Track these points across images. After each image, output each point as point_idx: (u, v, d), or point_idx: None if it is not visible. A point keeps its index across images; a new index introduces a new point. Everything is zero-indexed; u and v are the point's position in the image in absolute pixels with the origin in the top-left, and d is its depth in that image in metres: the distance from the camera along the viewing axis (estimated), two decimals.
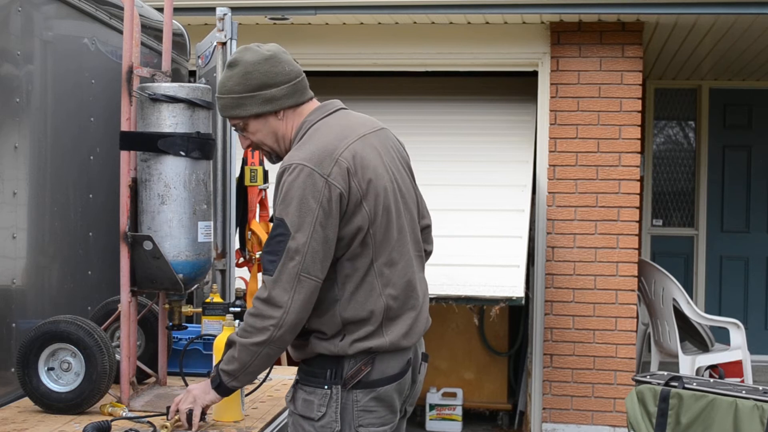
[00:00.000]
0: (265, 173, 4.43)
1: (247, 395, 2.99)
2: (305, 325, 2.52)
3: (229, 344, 2.54)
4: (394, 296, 2.57)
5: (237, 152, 3.93)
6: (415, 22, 6.16)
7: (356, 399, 2.54)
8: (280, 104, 2.61)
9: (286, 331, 2.46)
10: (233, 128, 2.72)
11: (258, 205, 4.43)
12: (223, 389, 2.60)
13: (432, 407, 6.49)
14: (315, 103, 2.69)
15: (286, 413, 3.09)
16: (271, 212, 2.74)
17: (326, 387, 2.53)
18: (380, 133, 2.68)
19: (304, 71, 2.74)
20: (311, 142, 2.55)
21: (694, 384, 4.20)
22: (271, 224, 2.52)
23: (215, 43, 3.76)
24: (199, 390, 2.67)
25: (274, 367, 3.90)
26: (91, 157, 3.45)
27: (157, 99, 2.90)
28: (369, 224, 2.52)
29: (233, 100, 2.61)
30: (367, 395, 2.54)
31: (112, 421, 2.71)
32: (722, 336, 6.56)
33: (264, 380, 3.26)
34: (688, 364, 6.26)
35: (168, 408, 2.73)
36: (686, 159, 8.45)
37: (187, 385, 3.01)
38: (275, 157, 2.71)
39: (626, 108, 6.06)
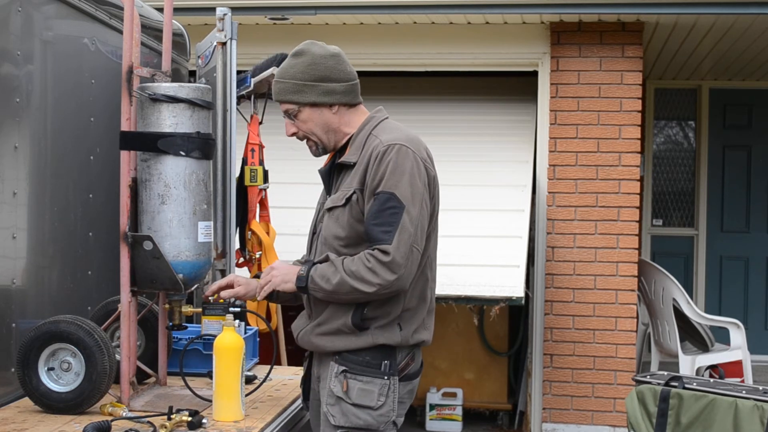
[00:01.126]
0: (265, 173, 4.44)
1: (247, 395, 2.99)
2: (365, 312, 2.66)
3: (332, 265, 2.64)
4: (433, 290, 2.80)
5: (237, 152, 3.94)
6: (415, 22, 6.16)
7: (401, 390, 2.71)
8: (338, 99, 2.76)
9: (387, 294, 2.62)
10: (284, 114, 2.82)
11: (258, 205, 4.44)
12: (303, 290, 2.69)
13: (432, 407, 6.48)
14: (365, 109, 2.86)
15: (286, 413, 3.09)
16: (324, 204, 2.83)
17: (385, 377, 2.67)
18: None
19: None
20: (395, 130, 2.74)
21: (694, 384, 4.20)
22: (374, 197, 2.62)
23: (215, 43, 3.77)
24: (282, 274, 2.74)
25: (275, 367, 3.91)
26: (91, 157, 3.45)
27: (157, 99, 2.90)
28: (435, 215, 2.76)
29: (294, 86, 2.74)
30: (406, 387, 2.74)
31: (112, 421, 2.71)
32: (722, 336, 6.56)
33: (264, 380, 3.26)
34: (688, 364, 6.26)
35: (169, 407, 2.73)
36: (686, 159, 8.45)
37: (187, 385, 3.02)
38: (321, 149, 2.84)
39: (626, 108, 6.06)
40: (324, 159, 2.95)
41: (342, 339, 2.69)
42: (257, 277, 2.97)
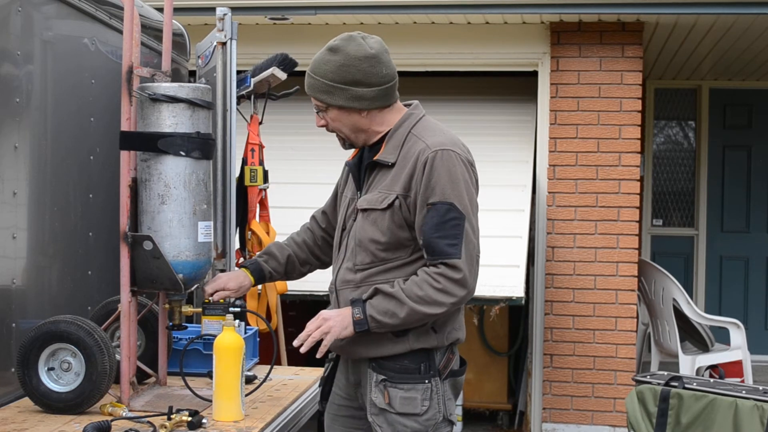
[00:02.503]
0: (265, 173, 4.44)
1: (247, 395, 2.99)
2: None
3: (392, 297, 2.54)
4: None
5: (237, 152, 3.94)
6: (415, 22, 6.16)
7: (446, 389, 2.67)
8: (366, 105, 2.65)
9: (460, 305, 2.60)
10: (314, 107, 2.75)
11: (258, 205, 4.44)
12: (365, 332, 2.60)
13: None
14: (401, 105, 2.75)
15: (286, 413, 3.09)
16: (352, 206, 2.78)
17: (426, 381, 2.61)
18: None
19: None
20: (438, 131, 2.66)
21: (694, 384, 4.20)
22: (429, 208, 2.54)
23: (215, 43, 3.76)
24: (338, 323, 2.62)
25: (275, 367, 3.91)
26: (91, 157, 3.45)
27: (157, 99, 2.90)
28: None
29: (324, 85, 2.65)
30: (451, 384, 2.70)
31: (112, 421, 2.71)
32: (722, 336, 6.56)
33: (264, 380, 3.26)
34: (688, 364, 6.26)
35: (169, 407, 2.73)
36: (686, 159, 8.45)
37: (187, 385, 3.01)
38: (349, 144, 2.77)
39: (626, 108, 6.06)
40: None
41: (378, 346, 2.63)
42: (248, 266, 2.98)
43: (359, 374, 2.74)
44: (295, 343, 2.69)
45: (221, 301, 2.98)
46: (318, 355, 2.66)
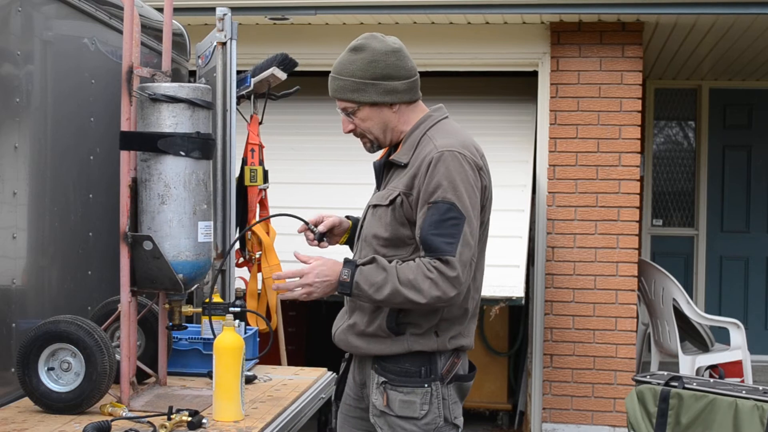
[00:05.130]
0: (265, 173, 4.44)
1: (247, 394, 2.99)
2: (400, 316, 2.58)
3: (383, 270, 2.51)
4: (476, 299, 2.70)
5: (237, 152, 3.94)
6: (415, 22, 6.16)
7: (450, 393, 2.63)
8: (399, 98, 2.67)
9: (440, 306, 2.55)
10: (341, 111, 2.71)
11: (258, 205, 4.44)
12: (347, 295, 2.60)
13: None
14: (424, 105, 2.77)
15: (286, 413, 3.09)
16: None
17: (426, 385, 2.59)
18: None
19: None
20: (452, 134, 2.66)
21: (694, 384, 4.21)
22: (430, 206, 2.53)
23: (215, 43, 3.77)
24: (321, 288, 2.58)
25: (274, 367, 3.91)
26: (91, 157, 3.45)
27: (157, 99, 2.90)
28: (485, 222, 2.71)
29: (354, 84, 2.63)
30: (455, 389, 2.65)
31: (112, 421, 2.71)
32: (722, 336, 6.56)
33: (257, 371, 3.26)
34: (688, 364, 6.26)
35: (169, 407, 2.73)
36: (686, 159, 8.45)
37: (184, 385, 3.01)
38: (376, 146, 2.74)
39: (626, 108, 6.06)
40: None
41: (378, 343, 2.62)
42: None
43: (364, 375, 2.73)
44: (274, 279, 2.70)
45: (221, 300, 2.97)
46: (285, 296, 2.66)
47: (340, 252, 2.85)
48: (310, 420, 3.40)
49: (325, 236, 2.88)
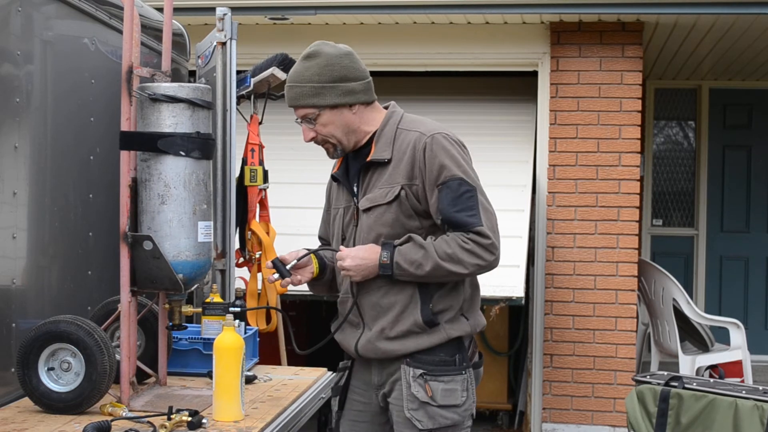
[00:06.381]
0: (265, 173, 4.44)
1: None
2: (431, 305, 2.64)
3: (421, 247, 2.60)
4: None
5: (237, 152, 3.94)
6: (415, 22, 6.16)
7: (474, 377, 2.73)
8: (358, 98, 2.72)
9: (482, 272, 2.65)
10: (300, 120, 2.74)
11: (258, 205, 4.44)
12: (389, 277, 2.64)
13: None
14: (380, 106, 2.82)
15: (286, 413, 3.09)
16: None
17: (463, 372, 2.68)
18: None
19: None
20: (425, 121, 2.75)
21: (694, 384, 4.20)
22: (441, 188, 2.62)
23: (215, 43, 3.77)
24: (359, 271, 2.65)
25: (274, 367, 3.91)
26: (91, 157, 3.45)
27: (157, 99, 2.90)
28: None
29: (312, 89, 2.68)
30: (476, 375, 2.75)
31: (112, 421, 2.71)
32: (722, 336, 6.56)
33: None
34: (688, 364, 6.26)
35: (169, 407, 2.73)
36: (686, 159, 8.45)
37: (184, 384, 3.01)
38: (340, 150, 2.77)
39: (626, 108, 6.06)
40: (330, 165, 2.91)
41: (413, 340, 2.66)
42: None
43: (388, 374, 2.74)
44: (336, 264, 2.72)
45: (221, 300, 2.97)
46: (341, 282, 2.75)
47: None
48: (310, 420, 3.40)
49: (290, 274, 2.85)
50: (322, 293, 2.94)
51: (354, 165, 2.80)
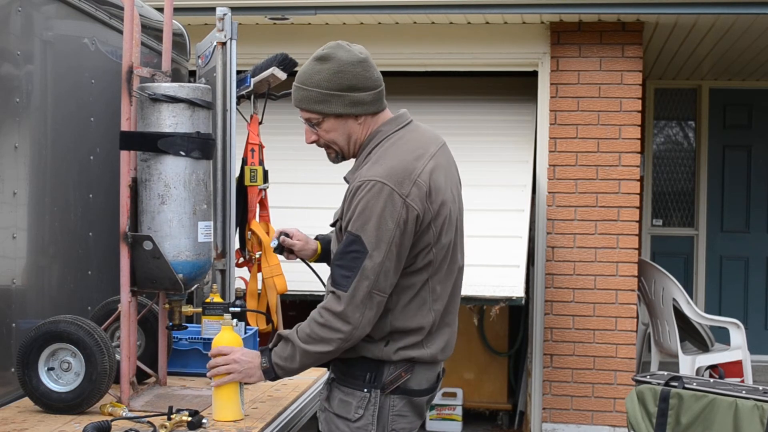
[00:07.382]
0: (265, 173, 4.44)
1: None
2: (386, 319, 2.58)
3: (287, 340, 2.57)
4: (440, 312, 2.63)
5: (237, 152, 3.94)
6: (415, 22, 6.16)
7: (393, 404, 2.60)
8: (365, 109, 2.61)
9: (352, 343, 2.53)
10: (305, 121, 2.67)
11: (258, 205, 4.44)
12: (273, 379, 2.66)
13: (432, 407, 6.48)
14: (388, 113, 2.70)
15: (286, 413, 3.09)
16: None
17: (365, 390, 2.59)
18: (444, 149, 2.74)
19: None
20: (389, 157, 2.56)
21: (694, 384, 4.21)
22: (345, 234, 2.51)
23: (215, 43, 3.77)
24: (243, 371, 2.66)
25: None
26: (91, 157, 3.45)
27: (157, 99, 2.90)
28: (433, 243, 2.56)
29: (319, 95, 2.58)
30: (402, 401, 2.62)
31: (112, 421, 2.71)
32: (722, 336, 6.56)
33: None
34: (688, 364, 6.26)
35: (169, 407, 2.73)
36: (686, 159, 8.45)
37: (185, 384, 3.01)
38: (341, 157, 2.70)
39: (626, 108, 6.06)
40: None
41: (352, 348, 2.62)
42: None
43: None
44: (207, 375, 2.76)
45: (221, 300, 2.98)
46: (212, 383, 2.75)
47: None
48: (310, 420, 3.39)
49: (284, 251, 2.98)
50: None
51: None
